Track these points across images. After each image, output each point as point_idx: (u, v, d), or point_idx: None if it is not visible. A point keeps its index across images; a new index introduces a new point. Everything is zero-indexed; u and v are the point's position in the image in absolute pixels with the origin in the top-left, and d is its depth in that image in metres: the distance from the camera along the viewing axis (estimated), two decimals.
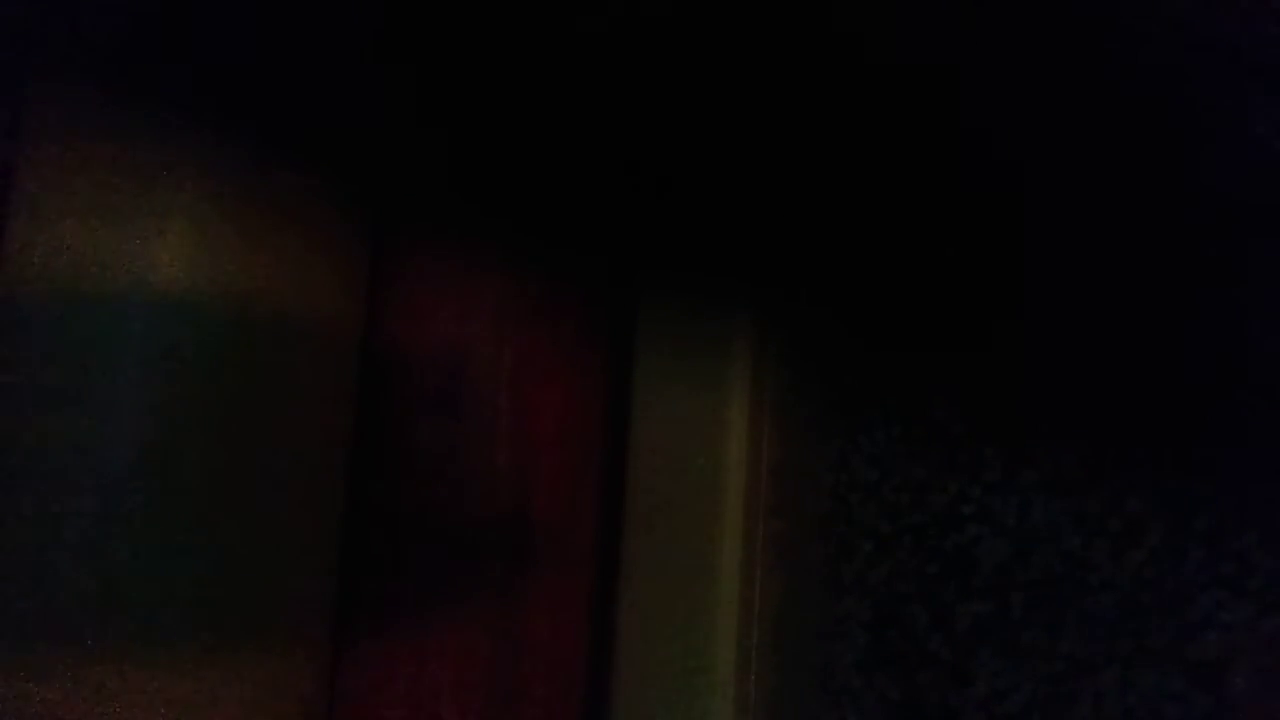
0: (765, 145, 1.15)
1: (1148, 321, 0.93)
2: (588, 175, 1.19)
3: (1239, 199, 0.90)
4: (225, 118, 0.90)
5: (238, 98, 0.91)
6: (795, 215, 1.14)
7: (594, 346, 1.19)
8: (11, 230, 0.89)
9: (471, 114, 1.13)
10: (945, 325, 1.04)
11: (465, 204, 1.12)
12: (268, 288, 0.91)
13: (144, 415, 0.85)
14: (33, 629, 0.82)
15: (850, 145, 1.11)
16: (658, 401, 1.15)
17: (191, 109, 0.89)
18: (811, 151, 1.13)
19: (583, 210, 1.19)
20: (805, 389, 1.13)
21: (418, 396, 1.08)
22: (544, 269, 1.16)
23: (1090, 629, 0.91)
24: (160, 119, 0.88)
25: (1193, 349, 0.91)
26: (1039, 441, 0.96)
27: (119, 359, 0.85)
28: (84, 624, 0.82)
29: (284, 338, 0.92)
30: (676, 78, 1.15)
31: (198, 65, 0.90)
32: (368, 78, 1.02)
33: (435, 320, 1.10)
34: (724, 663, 1.08)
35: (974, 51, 1.01)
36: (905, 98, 1.07)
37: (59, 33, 0.90)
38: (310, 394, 0.95)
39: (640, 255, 1.20)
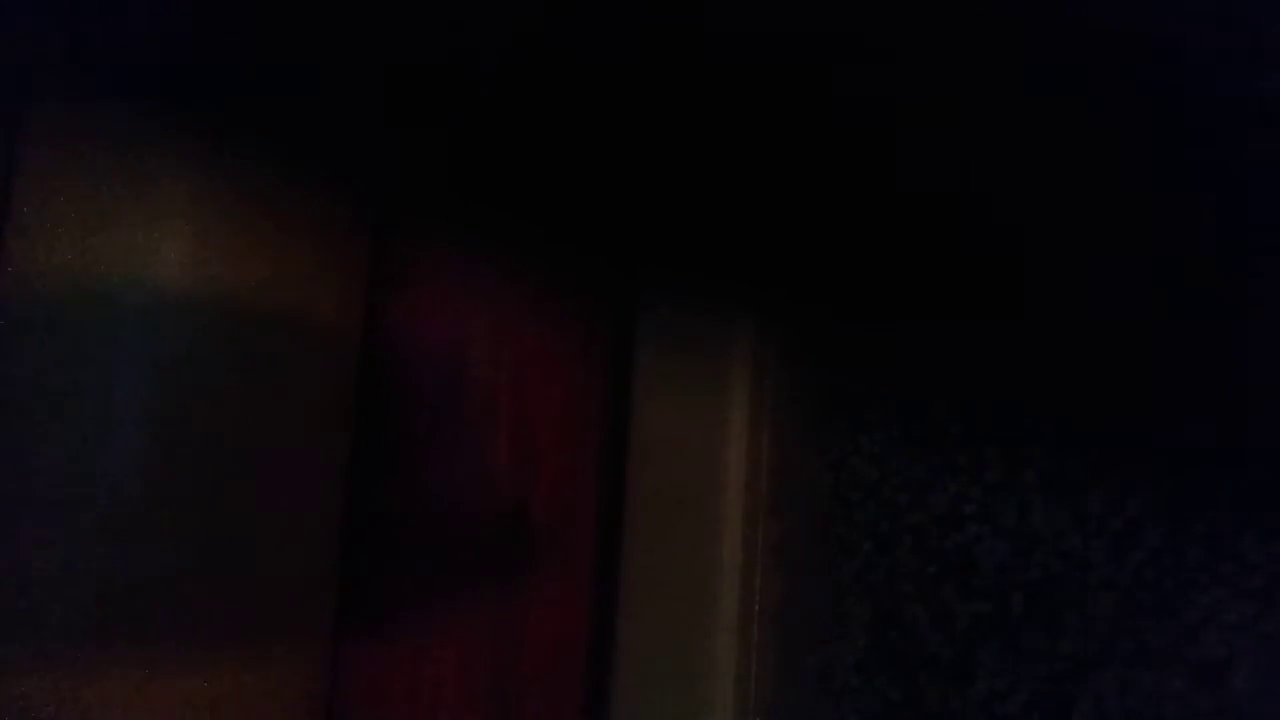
0: (766, 146, 1.15)
1: (1148, 321, 0.93)
2: (588, 175, 1.19)
3: (1241, 196, 0.90)
4: (225, 119, 0.90)
5: (237, 99, 0.91)
6: (796, 215, 1.14)
7: (594, 346, 1.19)
8: (12, 231, 0.89)
9: (472, 114, 1.13)
10: (945, 326, 1.04)
11: (465, 204, 1.12)
12: (267, 288, 0.91)
13: (143, 415, 0.85)
14: (31, 629, 0.82)
15: (850, 146, 1.11)
16: (658, 401, 1.15)
17: (191, 111, 0.89)
18: (812, 152, 1.13)
19: (583, 210, 1.19)
20: (805, 389, 1.13)
21: (417, 396, 1.08)
22: (544, 269, 1.16)
23: (1090, 629, 0.91)
24: (160, 121, 0.88)
25: (1193, 348, 0.91)
26: (1039, 441, 0.96)
27: (118, 359, 0.85)
28: (83, 624, 0.82)
29: (283, 338, 0.92)
30: (676, 79, 1.15)
31: (197, 67, 0.90)
32: (368, 79, 1.02)
33: (435, 320, 1.10)
34: (724, 663, 1.08)
35: (981, 61, 1.01)
36: (904, 100, 1.07)
37: (60, 35, 0.90)
38: (310, 394, 0.95)
39: (640, 255, 1.20)
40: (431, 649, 1.06)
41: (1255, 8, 0.78)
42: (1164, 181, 0.94)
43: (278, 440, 0.91)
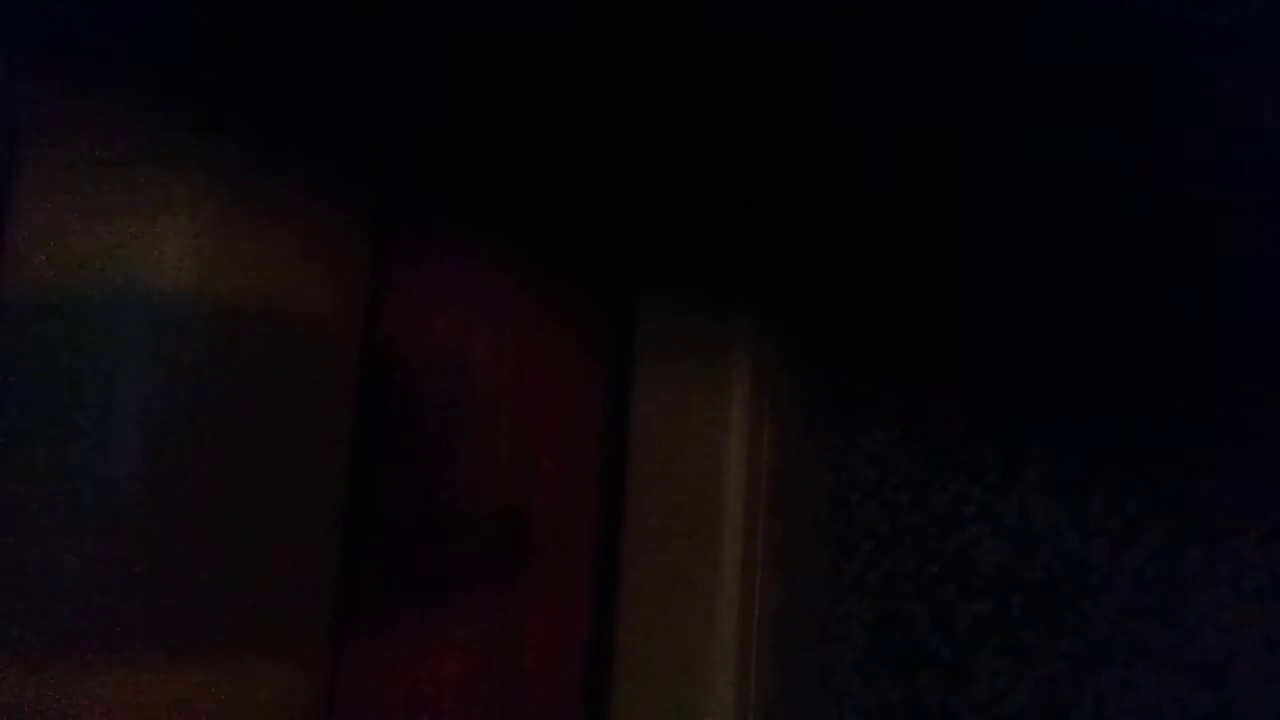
0: (766, 147, 1.15)
1: (1148, 322, 0.93)
2: (588, 177, 1.19)
3: (1239, 199, 0.90)
4: (225, 119, 0.90)
5: (237, 99, 0.91)
6: (795, 216, 1.14)
7: (594, 347, 1.19)
8: (11, 231, 0.89)
9: (472, 115, 1.13)
10: (945, 325, 1.04)
11: (465, 205, 1.12)
12: (267, 288, 0.91)
13: (142, 416, 0.85)
14: (33, 632, 0.82)
15: (850, 147, 1.11)
16: (657, 402, 1.15)
17: (191, 110, 0.89)
18: (811, 153, 1.13)
19: (583, 211, 1.19)
20: (805, 389, 1.13)
21: (418, 396, 1.08)
22: (544, 270, 1.16)
23: (1090, 629, 0.91)
24: (159, 120, 0.88)
25: (1193, 349, 0.91)
26: (1039, 441, 0.96)
27: (118, 359, 0.85)
28: (85, 627, 0.82)
29: (283, 338, 0.92)
30: (677, 80, 1.15)
31: (197, 66, 0.90)
32: (367, 80, 1.02)
33: (435, 320, 1.10)
34: (724, 663, 1.08)
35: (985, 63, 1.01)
36: (904, 101, 1.07)
37: (59, 34, 0.90)
38: (309, 394, 0.95)
39: (640, 256, 1.20)
40: (431, 649, 1.06)
41: None
42: (1163, 178, 0.94)
43: (277, 440, 0.91)
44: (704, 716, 1.07)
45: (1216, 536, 0.87)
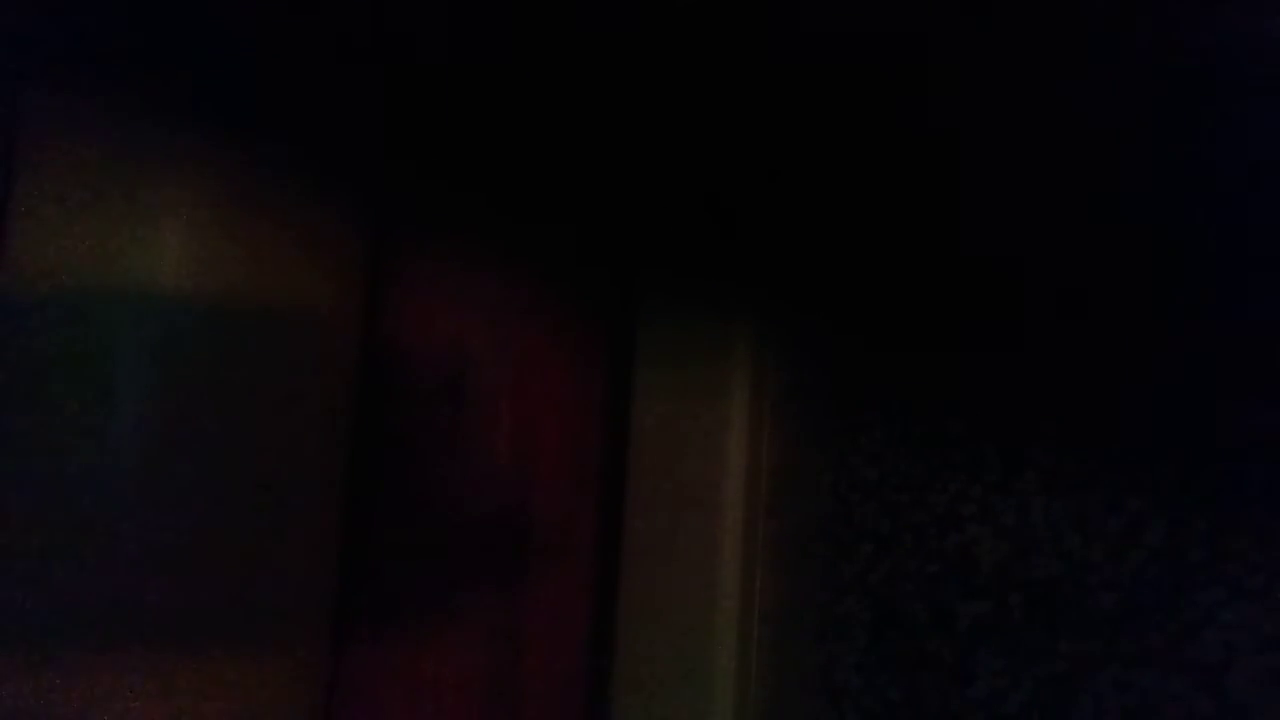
0: (764, 150, 1.15)
1: (1147, 323, 0.93)
2: (589, 179, 1.19)
3: (1238, 201, 0.90)
4: (223, 120, 0.90)
5: (235, 101, 0.91)
6: (795, 219, 1.14)
7: (594, 347, 1.19)
8: (11, 231, 0.89)
9: (473, 116, 1.13)
10: (945, 326, 1.04)
11: (465, 205, 1.12)
12: (265, 287, 0.91)
13: (142, 414, 0.85)
14: (32, 630, 0.82)
15: (851, 151, 1.11)
16: (658, 403, 1.15)
17: (189, 111, 0.89)
18: (810, 157, 1.13)
19: (584, 213, 1.19)
20: (805, 390, 1.13)
21: (418, 396, 1.08)
22: (545, 270, 1.16)
23: (1090, 629, 0.91)
24: (158, 121, 0.88)
25: (1193, 350, 0.91)
26: (1039, 441, 0.96)
27: (117, 358, 0.85)
28: (84, 625, 0.82)
29: (282, 337, 0.92)
30: (680, 84, 1.15)
31: (195, 68, 0.90)
32: (367, 79, 1.02)
33: (435, 320, 1.10)
34: (724, 663, 1.08)
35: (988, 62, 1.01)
36: (905, 102, 1.07)
37: (59, 35, 0.90)
38: (309, 393, 0.95)
39: (641, 258, 1.20)
40: (432, 647, 1.06)
41: None
42: (1163, 179, 0.94)
43: (277, 440, 0.91)
44: (704, 716, 1.07)
45: (1216, 536, 0.87)
